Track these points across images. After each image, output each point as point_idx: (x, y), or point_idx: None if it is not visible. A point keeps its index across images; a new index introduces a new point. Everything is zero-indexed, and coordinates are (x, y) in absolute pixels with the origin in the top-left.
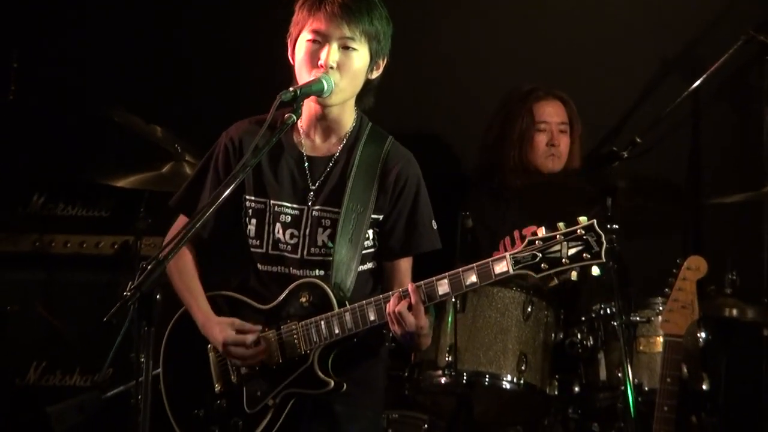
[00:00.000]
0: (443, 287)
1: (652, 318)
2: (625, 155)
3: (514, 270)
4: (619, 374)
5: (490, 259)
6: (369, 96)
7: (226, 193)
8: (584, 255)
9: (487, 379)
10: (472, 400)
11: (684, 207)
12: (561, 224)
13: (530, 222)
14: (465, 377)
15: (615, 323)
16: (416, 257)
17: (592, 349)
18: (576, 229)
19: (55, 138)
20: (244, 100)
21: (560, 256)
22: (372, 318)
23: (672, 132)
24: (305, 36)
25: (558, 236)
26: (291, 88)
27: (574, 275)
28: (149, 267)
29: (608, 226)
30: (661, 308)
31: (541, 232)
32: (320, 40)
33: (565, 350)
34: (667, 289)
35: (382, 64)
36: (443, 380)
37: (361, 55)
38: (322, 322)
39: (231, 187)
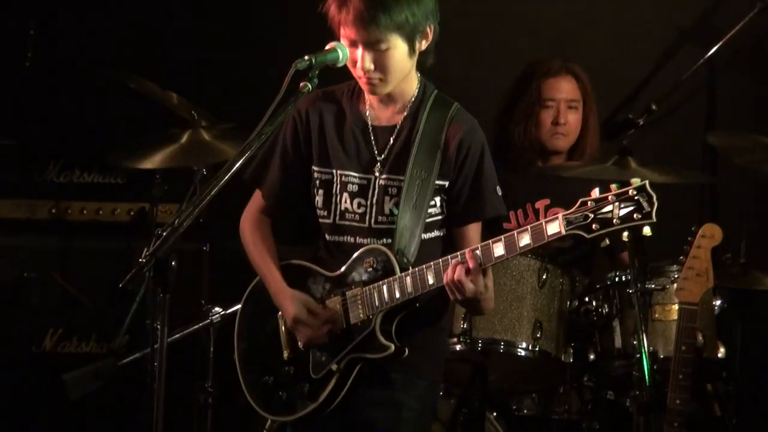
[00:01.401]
0: (498, 249)
1: (668, 286)
2: (641, 123)
3: (566, 230)
4: (635, 342)
5: (543, 220)
6: (428, 57)
7: (240, 162)
8: (635, 215)
9: (502, 347)
10: (488, 367)
11: (702, 178)
12: (614, 185)
13: (543, 196)
14: (480, 345)
15: (630, 291)
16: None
17: (607, 316)
18: (627, 190)
19: (71, 105)
20: (260, 69)
21: (611, 216)
22: (431, 281)
23: (687, 99)
24: (343, 40)
25: (610, 197)
26: (306, 57)
27: (625, 235)
28: (164, 233)
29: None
30: (676, 276)
31: (595, 193)
32: (353, 44)
33: (581, 318)
34: (682, 257)
35: (430, 32)
36: (458, 347)
37: (395, 49)
38: (384, 287)
39: (245, 156)
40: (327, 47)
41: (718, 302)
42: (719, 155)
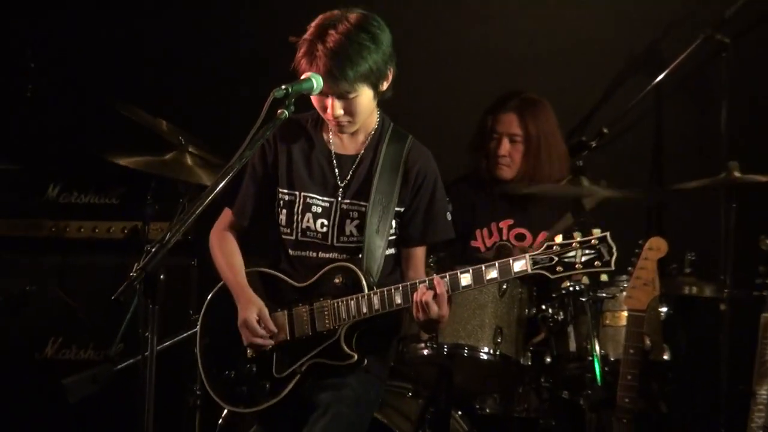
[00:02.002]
0: (466, 280)
1: (617, 294)
2: (593, 145)
3: (532, 270)
4: (587, 346)
5: (510, 258)
6: (387, 92)
7: (222, 183)
8: (596, 263)
9: (466, 351)
10: (453, 370)
11: (648, 192)
12: (577, 234)
13: (506, 217)
14: (446, 349)
15: (583, 299)
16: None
17: (562, 323)
18: (590, 239)
19: (68, 131)
20: (243, 97)
21: (574, 261)
22: (398, 302)
23: (637, 123)
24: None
25: (574, 244)
26: (283, 86)
27: (585, 279)
28: (153, 249)
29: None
30: (625, 285)
31: (559, 239)
32: (323, 93)
33: (538, 324)
34: (630, 268)
35: (390, 74)
36: (425, 352)
37: (361, 95)
38: (352, 302)
39: (227, 178)
40: (302, 77)
41: (664, 309)
42: (665, 174)
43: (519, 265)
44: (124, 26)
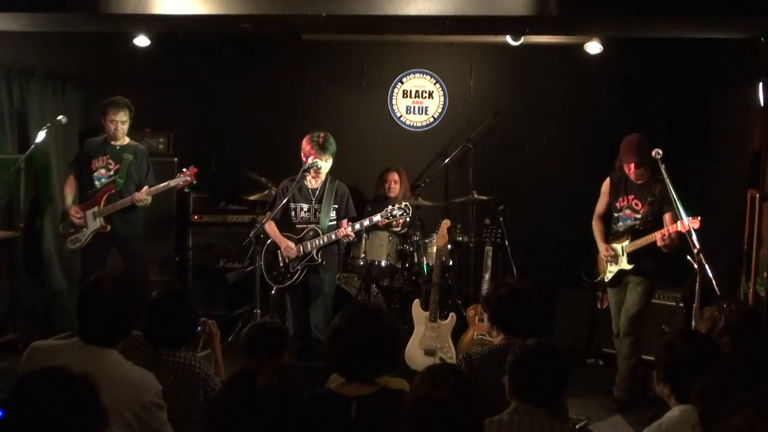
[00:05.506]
0: (358, 225)
1: (433, 240)
2: (422, 185)
3: (381, 219)
4: (423, 259)
5: (373, 215)
6: (330, 165)
7: (284, 201)
8: (402, 213)
9: (376, 262)
10: (372, 269)
11: (444, 202)
12: (398, 204)
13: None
14: (368, 261)
15: (419, 243)
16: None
17: (412, 251)
18: (403, 205)
19: (229, 180)
20: (293, 164)
21: (396, 214)
22: (333, 237)
23: (440, 176)
24: (311, 157)
25: (396, 207)
26: (307, 165)
27: (401, 222)
28: (258, 225)
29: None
30: (435, 237)
31: (392, 206)
32: (317, 158)
33: (404, 252)
34: (436, 230)
35: (334, 157)
36: (361, 263)
37: (329, 162)
38: (316, 239)
39: (284, 200)
40: (313, 161)
41: (450, 246)
42: (450, 195)
43: (376, 218)
44: (246, 130)
